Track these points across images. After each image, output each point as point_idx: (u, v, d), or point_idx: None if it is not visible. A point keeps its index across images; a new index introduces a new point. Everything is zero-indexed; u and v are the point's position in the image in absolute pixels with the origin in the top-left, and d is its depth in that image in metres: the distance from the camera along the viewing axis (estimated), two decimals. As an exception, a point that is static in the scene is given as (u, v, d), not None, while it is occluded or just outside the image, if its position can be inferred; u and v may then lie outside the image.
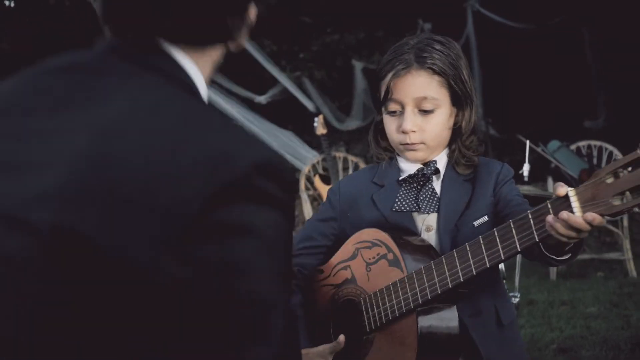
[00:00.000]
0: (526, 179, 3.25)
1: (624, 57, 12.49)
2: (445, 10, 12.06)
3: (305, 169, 6.54)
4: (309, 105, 9.97)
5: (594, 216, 1.53)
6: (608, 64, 12.68)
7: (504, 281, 2.81)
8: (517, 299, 3.31)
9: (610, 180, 1.53)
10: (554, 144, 7.26)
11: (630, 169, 1.51)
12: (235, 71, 10.66)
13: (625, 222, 6.61)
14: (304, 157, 8.57)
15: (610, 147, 7.14)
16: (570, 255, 1.72)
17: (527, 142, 3.30)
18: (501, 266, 2.89)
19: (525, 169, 3.28)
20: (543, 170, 7.30)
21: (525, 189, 3.14)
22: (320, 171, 6.58)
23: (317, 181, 6.51)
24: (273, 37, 11.57)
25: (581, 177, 6.86)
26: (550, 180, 6.81)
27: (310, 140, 11.41)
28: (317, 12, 11.66)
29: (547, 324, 5.18)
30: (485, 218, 1.89)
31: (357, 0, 11.38)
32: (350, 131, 11.16)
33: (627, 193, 1.51)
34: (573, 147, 7.24)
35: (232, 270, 0.96)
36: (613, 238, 7.37)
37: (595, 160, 7.06)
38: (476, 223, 1.88)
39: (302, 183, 6.40)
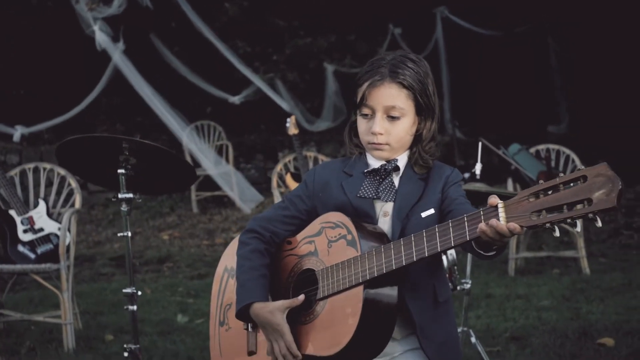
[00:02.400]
0: (478, 177, 3.56)
1: (587, 65, 12.91)
2: (415, 16, 12.38)
3: (278, 167, 6.80)
4: (284, 105, 10.22)
5: (514, 226, 1.87)
6: (571, 71, 13.09)
7: (456, 269, 3.13)
8: (469, 285, 3.62)
9: (532, 199, 1.87)
10: (514, 147, 7.55)
11: (550, 192, 1.85)
12: (209, 72, 10.91)
13: (580, 222, 6.95)
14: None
15: (567, 151, 7.45)
16: (495, 252, 2.04)
17: (480, 144, 3.62)
18: (453, 256, 3.20)
19: (477, 168, 3.59)
20: (503, 172, 7.61)
21: (477, 186, 3.45)
22: (292, 170, 6.84)
23: (289, 179, 6.77)
24: (247, 39, 11.80)
25: (539, 178, 7.18)
26: (510, 181, 7.10)
27: (282, 140, 11.68)
28: (290, 15, 11.90)
29: (502, 315, 5.50)
30: (432, 211, 2.21)
31: (329, 4, 11.64)
32: (321, 132, 11.41)
33: (544, 211, 1.85)
34: (532, 150, 7.54)
35: None
36: (570, 237, 7.71)
37: (553, 163, 7.36)
38: (424, 214, 2.21)
39: (274, 181, 6.66)
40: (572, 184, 1.82)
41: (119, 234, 3.39)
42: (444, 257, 3.02)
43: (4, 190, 5.18)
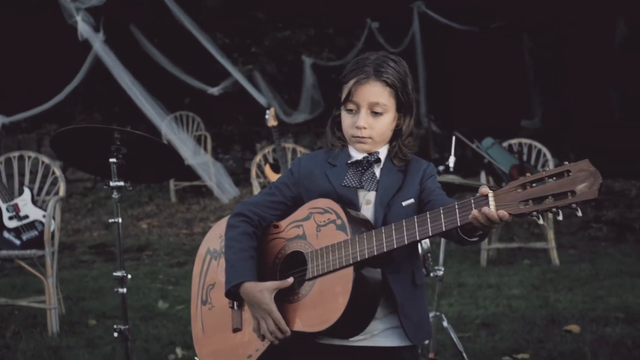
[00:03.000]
0: (451, 169, 3.73)
1: (559, 62, 13.16)
2: (392, 11, 12.53)
3: (257, 158, 6.93)
4: (261, 100, 10.34)
5: (504, 213, 2.05)
6: (544, 68, 13.34)
7: (429, 256, 3.30)
8: (442, 273, 3.80)
9: (520, 190, 2.05)
10: (487, 141, 7.73)
11: (534, 184, 2.02)
12: (188, 63, 10.99)
13: (551, 215, 7.17)
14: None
15: (539, 145, 7.66)
16: (478, 238, 2.21)
17: (454, 137, 3.79)
18: (427, 244, 3.37)
19: (451, 161, 3.76)
20: (477, 165, 7.80)
21: (450, 177, 3.61)
22: (271, 160, 6.97)
23: (268, 170, 6.90)
24: (226, 31, 11.89)
25: (511, 172, 7.39)
26: (483, 174, 7.29)
27: (260, 131, 11.81)
28: (269, 8, 12.01)
29: (474, 303, 5.70)
30: (412, 200, 2.38)
31: (308, -2, 11.76)
32: (298, 124, 11.55)
33: (530, 201, 2.03)
34: (505, 144, 7.73)
35: None
36: (540, 229, 7.94)
37: (525, 157, 7.56)
38: (404, 203, 2.38)
39: (253, 171, 6.79)
40: (556, 177, 1.99)
41: (110, 220, 3.52)
42: (419, 245, 3.20)
43: (-10, 178, 5.29)
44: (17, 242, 5.19)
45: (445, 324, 3.83)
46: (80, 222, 9.91)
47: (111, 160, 3.09)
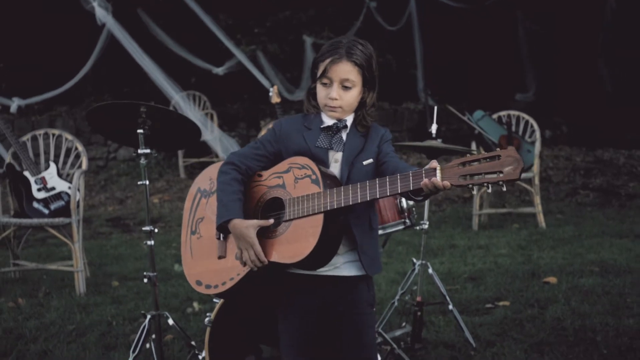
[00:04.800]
0: (434, 135, 4.19)
1: (553, 37, 13.58)
2: (389, -10, 12.93)
3: (262, 132, 7.41)
4: (263, 81, 10.79)
5: (447, 184, 2.56)
6: (538, 43, 13.76)
7: (414, 210, 3.80)
8: (426, 226, 4.29)
9: (460, 167, 2.56)
10: (478, 114, 8.20)
11: (475, 163, 2.52)
12: (194, 44, 11.45)
13: (537, 181, 7.68)
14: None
15: (526, 117, 8.13)
16: (422, 198, 2.74)
17: (435, 108, 4.25)
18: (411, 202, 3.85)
19: (433, 128, 4.22)
20: (468, 136, 8.27)
21: (434, 143, 4.08)
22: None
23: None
24: (229, 12, 12.32)
25: (500, 141, 7.88)
26: (473, 144, 7.77)
27: (264, 108, 12.29)
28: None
29: (463, 261, 6.22)
30: (371, 160, 2.91)
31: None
32: (300, 101, 11.97)
33: (467, 176, 2.54)
34: (495, 116, 8.20)
35: None
36: (530, 196, 8.43)
37: (513, 128, 8.04)
38: (365, 162, 2.90)
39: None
40: (489, 160, 2.49)
41: (138, 182, 4.04)
42: (403, 199, 3.71)
43: (20, 154, 5.79)
44: (46, 211, 5.71)
45: (430, 270, 4.33)
46: (95, 198, 10.44)
47: (138, 131, 3.59)
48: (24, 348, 4.41)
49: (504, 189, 2.52)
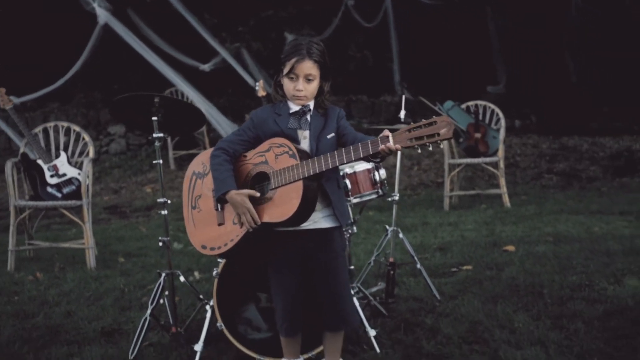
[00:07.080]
0: (402, 120, 4.85)
1: (521, 32, 14.32)
2: (366, -12, 13.58)
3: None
4: (247, 78, 11.41)
5: (398, 146, 3.22)
6: (507, 37, 14.50)
7: (385, 182, 4.48)
8: (397, 197, 4.98)
9: (407, 133, 3.21)
10: (448, 104, 8.90)
11: (418, 129, 3.18)
12: (181, 42, 12.04)
13: (502, 165, 8.40)
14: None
15: (492, 106, 8.84)
16: (380, 159, 3.40)
17: (403, 97, 4.90)
18: (384, 173, 4.52)
19: (402, 114, 4.88)
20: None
21: (402, 126, 4.72)
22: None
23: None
24: (213, 11, 12.92)
25: (468, 128, 8.59)
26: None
27: (249, 102, 12.92)
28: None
29: (433, 235, 6.92)
30: (333, 134, 3.56)
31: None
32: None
33: (413, 139, 3.20)
34: (464, 106, 8.90)
35: None
36: (496, 180, 9.15)
37: (480, 117, 8.73)
38: (328, 136, 3.55)
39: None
40: (429, 125, 3.16)
41: (153, 162, 4.70)
42: (377, 173, 4.40)
43: (33, 144, 6.43)
44: (59, 195, 6.35)
45: (400, 235, 5.01)
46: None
47: (153, 118, 4.26)
48: (49, 311, 5.05)
49: (442, 146, 3.18)
